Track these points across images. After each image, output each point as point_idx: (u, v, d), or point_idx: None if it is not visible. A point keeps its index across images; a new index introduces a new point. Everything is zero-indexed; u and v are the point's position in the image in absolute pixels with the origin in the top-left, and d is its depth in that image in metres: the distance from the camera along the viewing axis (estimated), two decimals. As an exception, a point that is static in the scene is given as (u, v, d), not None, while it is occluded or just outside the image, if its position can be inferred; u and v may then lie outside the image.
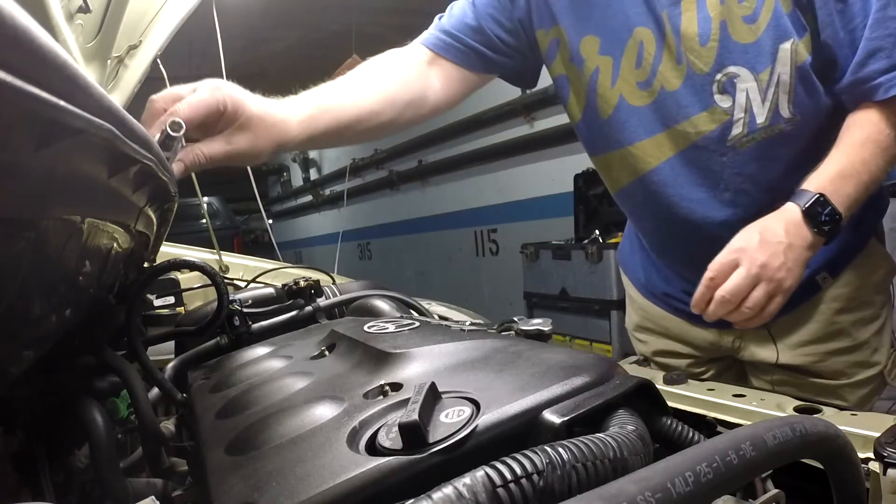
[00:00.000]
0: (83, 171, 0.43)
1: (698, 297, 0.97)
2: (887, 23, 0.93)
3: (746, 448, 0.41)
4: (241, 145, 0.93)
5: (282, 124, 0.98)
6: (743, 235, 0.97)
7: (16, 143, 0.32)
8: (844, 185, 0.95)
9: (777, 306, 0.95)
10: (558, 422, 0.48)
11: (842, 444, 0.48)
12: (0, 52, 0.26)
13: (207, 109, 0.88)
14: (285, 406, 0.62)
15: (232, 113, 0.91)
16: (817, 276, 1.16)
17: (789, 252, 0.94)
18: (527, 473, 0.40)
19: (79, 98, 0.34)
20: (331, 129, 1.06)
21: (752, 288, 0.94)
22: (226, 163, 0.93)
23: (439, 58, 1.20)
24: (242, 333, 1.05)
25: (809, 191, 0.96)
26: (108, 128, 0.41)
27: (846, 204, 0.95)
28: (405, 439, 0.45)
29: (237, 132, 0.92)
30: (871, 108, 0.98)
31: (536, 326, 0.81)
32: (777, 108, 1.04)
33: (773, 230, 0.95)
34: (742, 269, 0.94)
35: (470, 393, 0.53)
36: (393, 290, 1.20)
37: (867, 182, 0.96)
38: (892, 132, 0.96)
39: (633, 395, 0.53)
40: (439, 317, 1.24)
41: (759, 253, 0.94)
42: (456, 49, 1.20)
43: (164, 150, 0.80)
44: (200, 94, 0.88)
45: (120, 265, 0.82)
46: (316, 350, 0.81)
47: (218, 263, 1.92)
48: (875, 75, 0.96)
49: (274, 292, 1.18)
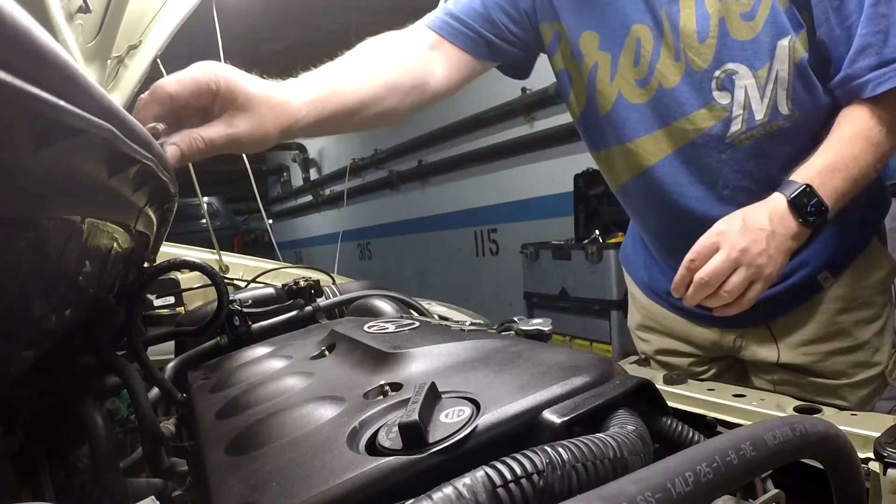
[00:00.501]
0: (83, 171, 0.43)
1: (678, 279, 0.97)
2: (877, 19, 0.94)
3: (746, 448, 0.41)
4: (244, 128, 0.84)
5: (286, 105, 0.90)
6: (726, 220, 0.96)
7: (16, 143, 0.32)
8: (832, 177, 0.95)
9: (756, 293, 0.95)
10: (558, 422, 0.48)
11: (842, 444, 0.48)
12: (0, 52, 0.26)
13: (197, 86, 0.80)
14: (285, 406, 0.62)
15: (228, 93, 0.82)
16: (819, 276, 1.16)
17: (771, 240, 0.93)
18: (527, 473, 0.40)
19: (79, 98, 0.34)
20: (338, 113, 0.98)
21: (732, 272, 0.93)
22: (229, 149, 0.84)
23: (444, 42, 1.17)
24: (242, 333, 1.05)
25: (796, 182, 0.96)
26: (108, 128, 0.41)
27: (833, 197, 0.95)
28: (405, 439, 0.45)
29: (238, 114, 0.84)
30: (863, 105, 0.98)
31: (536, 326, 0.81)
32: (776, 104, 1.04)
33: (757, 217, 0.95)
34: (722, 253, 0.93)
35: (470, 393, 0.53)
36: (393, 290, 1.20)
37: (856, 177, 0.96)
38: (883, 128, 0.96)
39: (633, 395, 0.53)
40: (439, 317, 1.24)
41: (740, 238, 0.93)
42: (464, 34, 1.17)
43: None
44: (191, 71, 0.82)
45: (120, 265, 0.82)
46: (316, 350, 0.81)
47: (218, 263, 1.92)
48: (864, 72, 0.96)
49: (274, 292, 1.18)
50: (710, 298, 0.95)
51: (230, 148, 0.84)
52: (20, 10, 0.27)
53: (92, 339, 0.89)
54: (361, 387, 0.61)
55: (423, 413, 0.46)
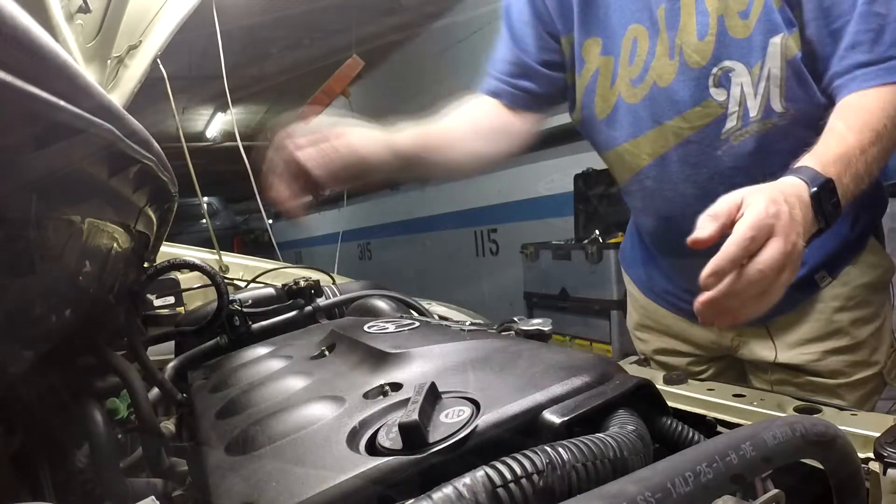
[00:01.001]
0: (83, 170, 0.43)
1: (729, 255, 0.73)
2: (870, 18, 0.93)
3: (746, 448, 0.41)
4: (352, 186, 1.08)
5: (386, 167, 1.08)
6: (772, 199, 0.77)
7: (16, 143, 0.32)
8: (846, 172, 0.85)
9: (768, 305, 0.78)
10: (558, 422, 0.48)
11: (842, 444, 0.48)
12: (0, 52, 0.26)
13: (342, 169, 1.01)
14: (285, 406, 0.62)
15: (355, 169, 1.03)
16: (816, 276, 1.16)
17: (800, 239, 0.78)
18: (527, 473, 0.40)
19: (79, 98, 0.35)
20: (430, 173, 1.20)
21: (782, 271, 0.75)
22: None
23: (506, 109, 1.25)
24: (242, 333, 1.05)
25: (817, 171, 0.83)
26: (108, 127, 0.41)
27: (845, 195, 0.85)
28: (405, 439, 0.45)
29: (353, 179, 1.05)
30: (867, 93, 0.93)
31: (536, 326, 0.81)
32: (769, 102, 1.04)
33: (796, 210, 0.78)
34: (779, 243, 0.74)
35: (470, 393, 0.53)
36: (393, 290, 1.20)
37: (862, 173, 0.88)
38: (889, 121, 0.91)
39: (633, 395, 0.53)
40: (439, 317, 1.24)
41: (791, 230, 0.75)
42: (521, 98, 1.24)
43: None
44: (335, 156, 1.00)
45: (120, 265, 0.82)
46: (316, 350, 0.81)
47: (218, 263, 1.92)
48: (852, 69, 0.95)
49: (274, 292, 1.18)
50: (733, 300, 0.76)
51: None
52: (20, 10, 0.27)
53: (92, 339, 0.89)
54: (361, 387, 0.61)
55: (423, 413, 0.46)
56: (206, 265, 0.94)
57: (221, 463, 0.55)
